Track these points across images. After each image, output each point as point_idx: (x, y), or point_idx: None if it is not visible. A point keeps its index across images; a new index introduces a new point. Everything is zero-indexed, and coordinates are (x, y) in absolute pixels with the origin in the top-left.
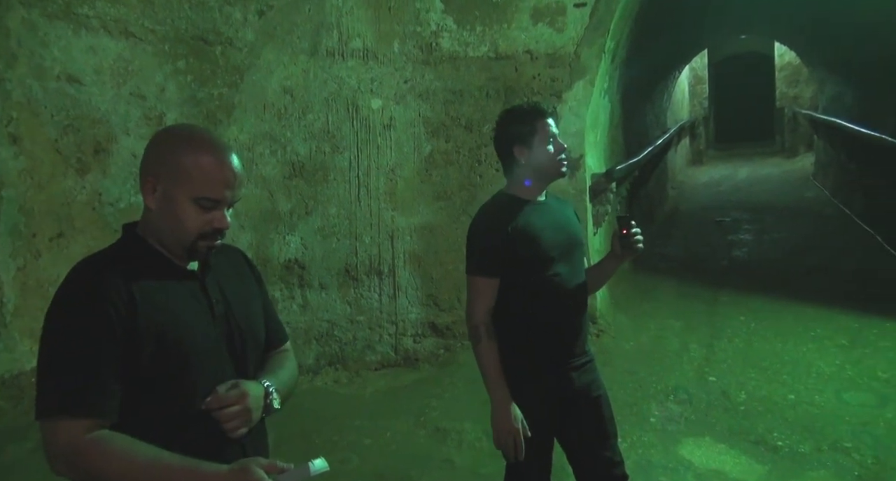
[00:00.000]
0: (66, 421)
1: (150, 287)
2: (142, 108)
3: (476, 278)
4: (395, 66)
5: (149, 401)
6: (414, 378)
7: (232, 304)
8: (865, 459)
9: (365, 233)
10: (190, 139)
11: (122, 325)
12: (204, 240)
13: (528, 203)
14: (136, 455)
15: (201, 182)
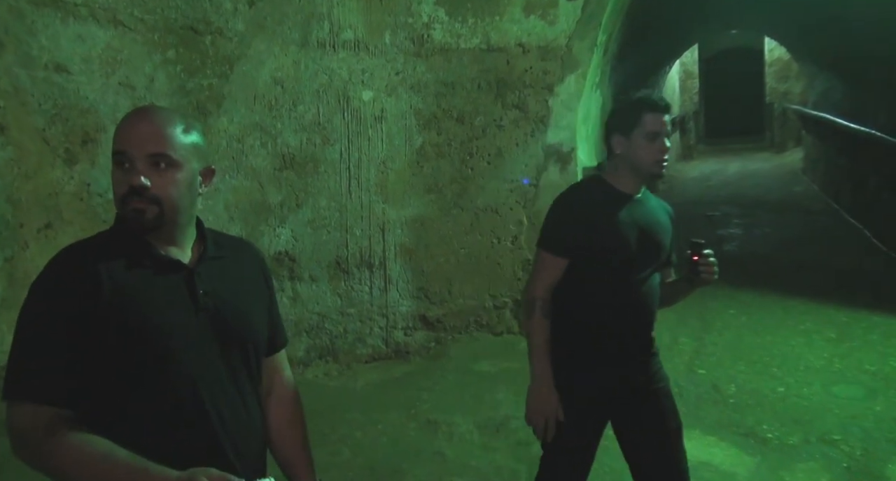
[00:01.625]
0: (21, 405)
1: (123, 274)
2: (131, 98)
3: (543, 252)
4: (387, 57)
5: (111, 391)
6: (405, 370)
7: (225, 300)
8: (854, 451)
9: (356, 226)
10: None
11: (83, 311)
12: (127, 204)
13: (620, 195)
14: (87, 448)
15: (115, 138)
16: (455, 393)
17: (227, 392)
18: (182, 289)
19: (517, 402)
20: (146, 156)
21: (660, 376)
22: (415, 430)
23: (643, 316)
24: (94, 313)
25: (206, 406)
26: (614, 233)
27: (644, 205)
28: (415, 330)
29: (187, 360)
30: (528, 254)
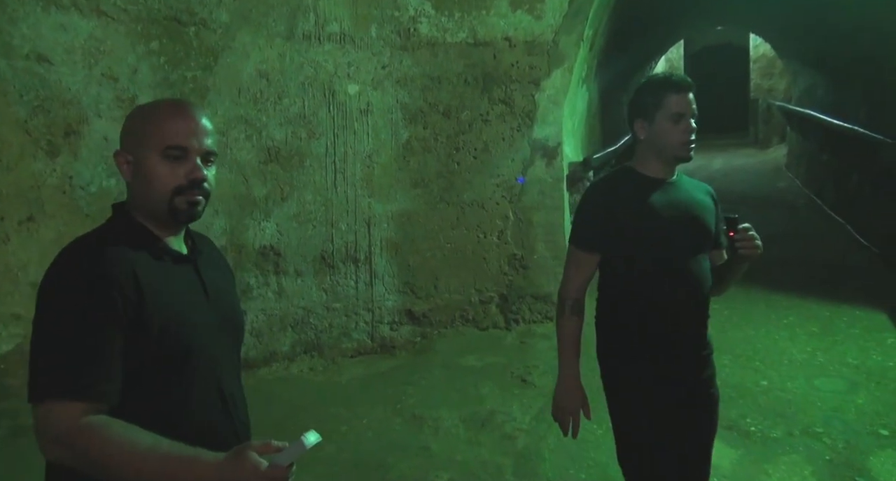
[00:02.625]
0: (64, 403)
1: (151, 269)
2: (114, 89)
3: (573, 248)
4: (373, 50)
5: (150, 386)
6: (390, 365)
7: (221, 291)
8: (836, 444)
9: (341, 220)
10: (150, 104)
11: (129, 309)
12: (181, 196)
13: (651, 181)
14: (135, 441)
15: (162, 133)
16: (441, 388)
17: (234, 378)
18: (195, 280)
19: (502, 397)
20: (202, 152)
21: (712, 380)
22: (400, 425)
23: (692, 307)
24: (139, 310)
25: (226, 391)
26: (647, 221)
27: (679, 188)
28: (400, 324)
29: (209, 348)
30: (515, 248)
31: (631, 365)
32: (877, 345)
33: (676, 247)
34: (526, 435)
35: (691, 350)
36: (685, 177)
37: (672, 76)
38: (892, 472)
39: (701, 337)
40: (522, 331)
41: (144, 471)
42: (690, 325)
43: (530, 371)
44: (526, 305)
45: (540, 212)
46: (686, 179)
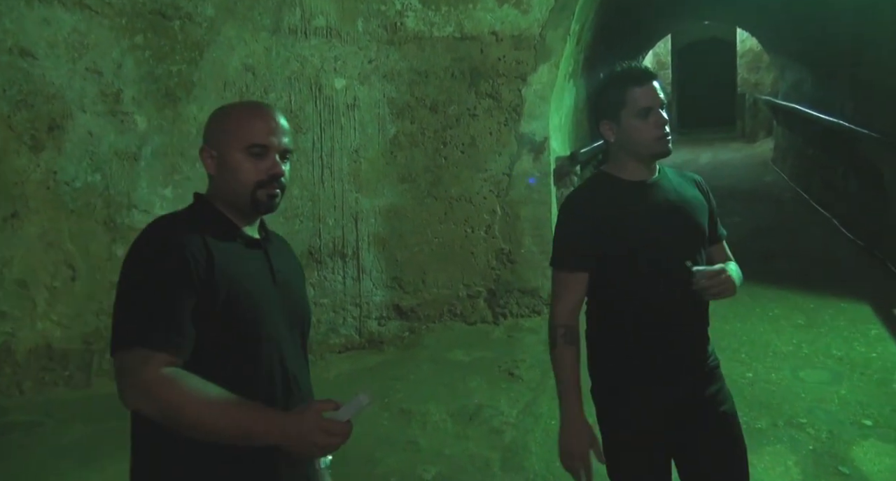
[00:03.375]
0: (145, 352)
1: (223, 248)
2: (98, 84)
3: (558, 272)
4: (359, 45)
5: (216, 350)
6: (378, 360)
7: (288, 278)
8: (820, 434)
9: (328, 215)
10: (233, 106)
11: (200, 274)
12: (263, 189)
13: (629, 184)
14: (210, 393)
15: (246, 133)
16: (429, 383)
17: (298, 360)
18: (264, 264)
19: (490, 391)
20: (281, 150)
21: (723, 396)
22: (388, 420)
23: (691, 317)
24: (208, 276)
25: (287, 368)
26: (630, 228)
27: (662, 188)
28: (388, 319)
29: (274, 326)
30: (502, 243)
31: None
32: (861, 337)
33: (668, 252)
34: (513, 428)
35: (693, 370)
36: (670, 172)
37: (631, 68)
38: (875, 461)
39: (703, 354)
40: (510, 325)
41: (211, 418)
42: (690, 343)
43: (518, 365)
44: (513, 299)
45: (527, 206)
46: (671, 174)
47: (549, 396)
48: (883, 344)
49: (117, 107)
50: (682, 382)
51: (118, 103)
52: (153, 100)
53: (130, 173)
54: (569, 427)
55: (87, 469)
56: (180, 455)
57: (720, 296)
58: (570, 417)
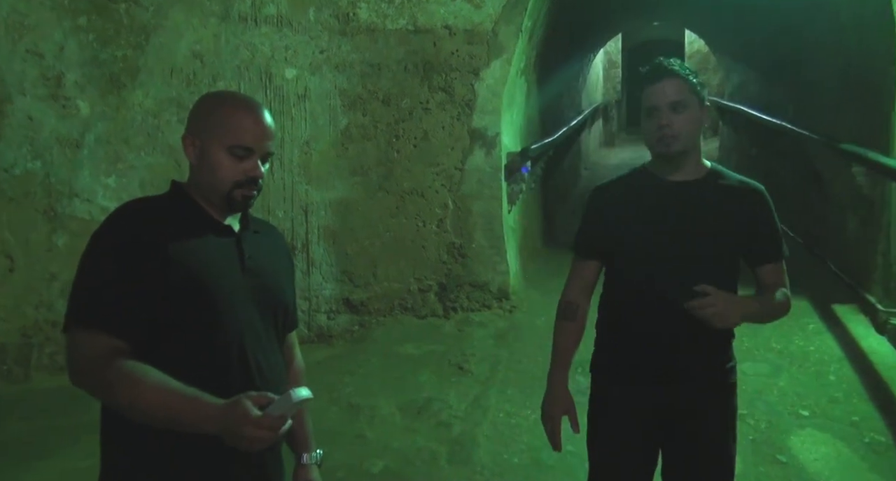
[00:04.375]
0: (88, 333)
1: (186, 230)
2: (39, 66)
3: (574, 256)
4: (311, 34)
5: (166, 334)
6: (327, 354)
7: (263, 267)
8: (759, 424)
9: (278, 207)
10: (223, 97)
11: (155, 255)
12: (240, 189)
13: (657, 183)
14: (143, 374)
15: (233, 132)
16: (378, 377)
17: (263, 348)
18: (233, 251)
19: (440, 384)
20: (263, 153)
21: (716, 413)
22: (336, 414)
23: (683, 327)
24: (164, 258)
25: (248, 355)
26: (630, 226)
27: (696, 192)
28: (338, 313)
29: (235, 313)
30: (454, 237)
31: (611, 384)
32: (799, 331)
33: (664, 260)
34: (461, 421)
35: (684, 376)
36: (725, 178)
37: (652, 65)
38: (811, 450)
39: (698, 362)
40: (460, 320)
41: (146, 401)
42: (680, 350)
43: (467, 359)
44: (464, 294)
45: (479, 201)
46: (725, 180)
47: (498, 389)
48: (820, 337)
49: (59, 91)
50: (666, 389)
51: (60, 87)
52: (97, 85)
53: (72, 161)
54: (549, 392)
55: (22, 468)
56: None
57: (713, 324)
58: (552, 383)
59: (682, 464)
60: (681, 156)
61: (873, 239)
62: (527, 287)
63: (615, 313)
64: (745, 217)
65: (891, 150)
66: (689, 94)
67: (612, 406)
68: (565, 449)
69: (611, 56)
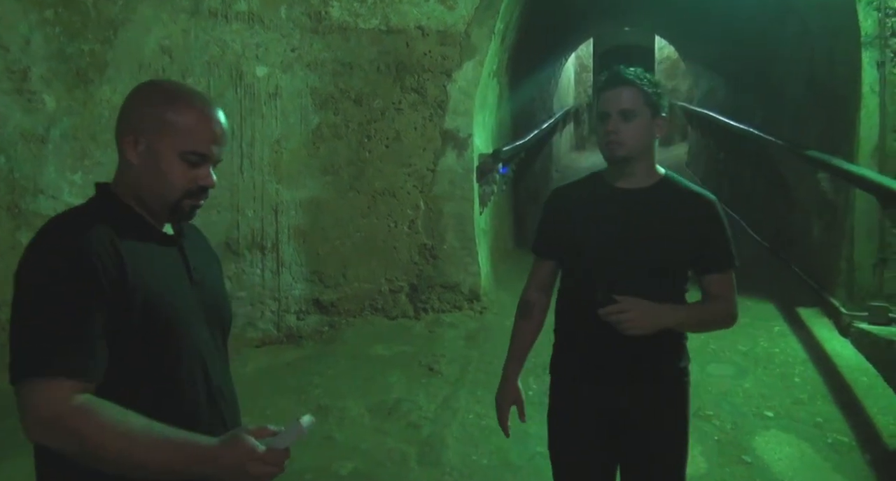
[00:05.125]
0: (50, 382)
1: (135, 248)
2: (3, 59)
3: (533, 254)
4: (282, 32)
5: (133, 367)
6: (297, 355)
7: (205, 275)
8: (725, 425)
9: (247, 206)
10: (174, 93)
11: (111, 283)
12: (189, 199)
13: (609, 189)
14: (127, 423)
15: (188, 136)
16: (348, 378)
17: (219, 365)
18: (179, 263)
19: (409, 386)
20: (216, 160)
21: (670, 412)
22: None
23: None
24: (120, 284)
25: (210, 376)
26: (584, 232)
27: (644, 199)
28: (308, 314)
29: (193, 332)
30: (425, 238)
31: (559, 383)
32: (765, 333)
33: (608, 266)
34: (431, 423)
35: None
36: (676, 186)
37: (611, 71)
38: (776, 450)
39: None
40: (431, 321)
41: (137, 454)
42: (618, 354)
43: (438, 360)
44: (435, 295)
45: (450, 202)
46: (677, 188)
47: (468, 390)
48: (785, 340)
49: (24, 85)
50: (616, 389)
51: (25, 81)
52: (63, 79)
53: (37, 156)
54: (501, 383)
55: None
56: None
57: (624, 330)
58: (504, 376)
59: (636, 463)
60: (625, 162)
61: (837, 244)
62: (498, 288)
63: (566, 315)
64: (694, 226)
65: (854, 157)
66: (642, 104)
67: (564, 406)
68: (534, 450)
69: (582, 60)
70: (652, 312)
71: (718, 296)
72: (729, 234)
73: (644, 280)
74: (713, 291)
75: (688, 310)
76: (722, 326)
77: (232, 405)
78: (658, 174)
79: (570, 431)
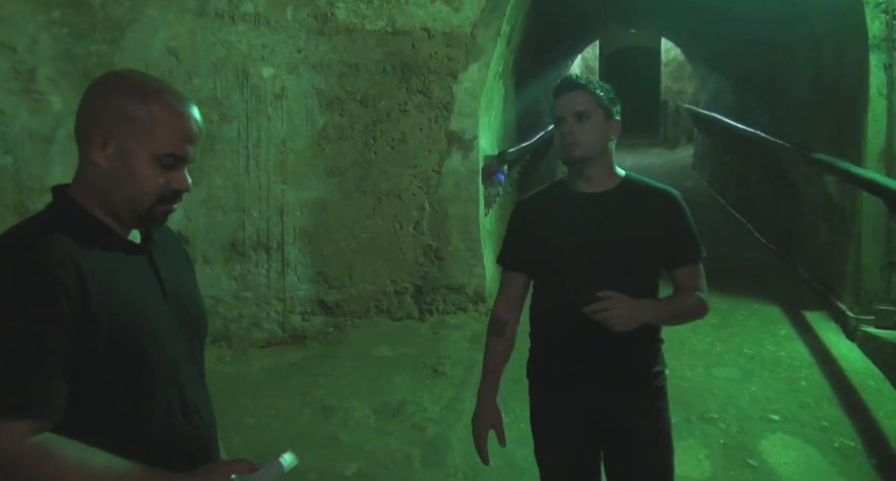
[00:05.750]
0: (4, 423)
1: (98, 261)
2: (11, 60)
3: (502, 269)
4: (288, 33)
5: (101, 393)
6: (301, 356)
7: (178, 283)
8: (730, 428)
9: (253, 207)
10: (145, 87)
11: (73, 305)
12: (162, 204)
13: (573, 194)
14: (88, 462)
15: (163, 137)
16: (352, 379)
17: (194, 382)
18: (149, 273)
19: (414, 387)
20: (192, 160)
21: (646, 416)
22: (308, 416)
23: (603, 333)
24: (82, 307)
25: (189, 400)
26: (554, 239)
27: (609, 201)
28: (313, 314)
29: (168, 351)
30: (430, 239)
31: (537, 392)
32: (770, 336)
33: (578, 270)
34: (435, 424)
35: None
36: (637, 185)
37: (562, 79)
38: (781, 454)
39: (616, 359)
40: (436, 322)
41: None
42: (595, 357)
43: (442, 361)
44: (440, 296)
45: (455, 204)
46: (638, 187)
47: (472, 392)
48: (791, 343)
49: (31, 85)
50: (593, 394)
51: (32, 81)
52: (70, 80)
53: (44, 156)
54: (477, 407)
55: None
56: None
57: (611, 326)
58: (480, 399)
59: (617, 467)
60: (584, 163)
61: (844, 247)
62: None
63: (540, 322)
64: (660, 222)
65: (862, 160)
66: (594, 106)
67: (544, 408)
68: None
69: (588, 62)
70: (634, 307)
71: (690, 288)
72: (694, 227)
73: (620, 279)
74: (685, 283)
75: (664, 303)
76: (697, 316)
77: (209, 423)
78: (619, 176)
79: (551, 432)
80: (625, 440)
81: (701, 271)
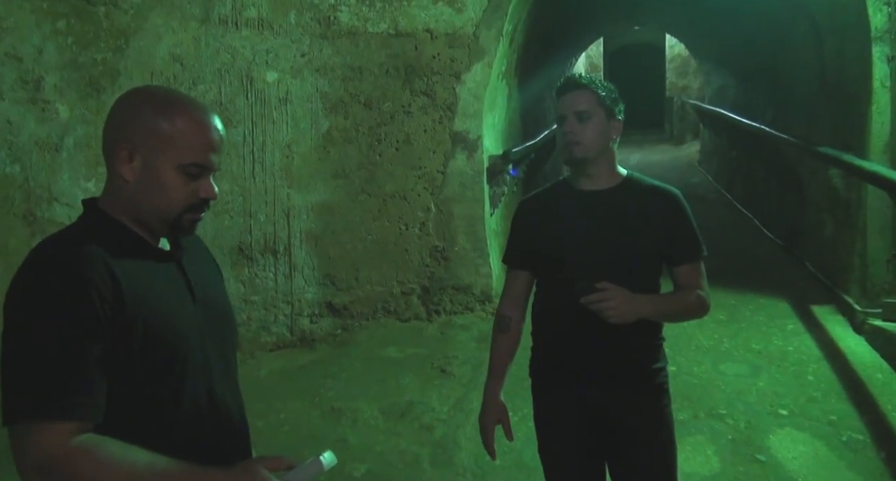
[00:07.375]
0: (47, 425)
1: (131, 268)
2: (17, 70)
3: (507, 268)
4: (292, 38)
5: (136, 399)
6: (310, 358)
7: (206, 288)
8: (738, 424)
9: (259, 211)
10: (168, 101)
11: (108, 312)
12: (190, 213)
13: (576, 193)
14: (131, 461)
15: (186, 147)
16: (361, 380)
17: (227, 387)
18: (179, 280)
19: (422, 388)
20: (216, 170)
21: (647, 414)
22: (318, 418)
23: (604, 329)
24: (119, 314)
25: (219, 400)
26: (556, 237)
27: (611, 200)
28: (321, 317)
29: (198, 354)
30: (436, 240)
31: (540, 390)
32: (778, 331)
33: (579, 268)
34: (444, 424)
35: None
36: (639, 184)
37: (565, 78)
38: (790, 449)
39: (616, 358)
40: (443, 323)
41: None
42: (595, 354)
43: (450, 361)
44: (447, 297)
45: (461, 204)
46: (639, 186)
47: (480, 392)
48: (799, 338)
49: (38, 94)
50: (595, 392)
51: (39, 91)
52: (76, 88)
53: (52, 164)
54: (483, 404)
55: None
56: None
57: (607, 317)
58: (485, 395)
59: (619, 465)
60: (585, 162)
61: (850, 240)
62: None
63: (541, 321)
64: (661, 221)
65: (866, 153)
66: (596, 106)
67: (545, 406)
68: None
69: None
70: (631, 300)
71: (690, 286)
72: (695, 226)
73: (621, 276)
74: (685, 282)
75: (663, 299)
76: (697, 315)
77: (241, 427)
78: (620, 175)
79: (552, 430)
80: (625, 438)
81: (702, 270)
